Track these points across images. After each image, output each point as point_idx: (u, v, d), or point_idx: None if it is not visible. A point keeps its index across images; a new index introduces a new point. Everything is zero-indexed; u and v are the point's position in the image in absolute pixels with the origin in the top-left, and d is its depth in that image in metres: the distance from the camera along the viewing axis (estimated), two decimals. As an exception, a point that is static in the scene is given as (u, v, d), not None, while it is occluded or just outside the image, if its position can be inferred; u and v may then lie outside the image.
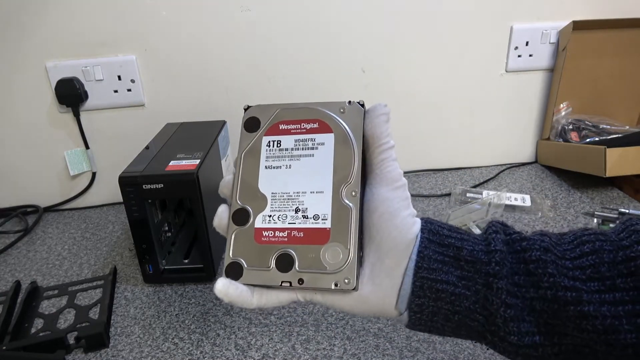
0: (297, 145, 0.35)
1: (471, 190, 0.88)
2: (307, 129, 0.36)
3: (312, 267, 0.32)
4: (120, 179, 0.60)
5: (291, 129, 0.36)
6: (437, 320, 0.31)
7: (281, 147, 0.36)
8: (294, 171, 0.35)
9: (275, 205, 0.34)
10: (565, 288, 0.28)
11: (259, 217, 0.34)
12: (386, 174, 0.32)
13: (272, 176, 0.35)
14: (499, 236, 0.31)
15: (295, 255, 0.32)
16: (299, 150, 0.35)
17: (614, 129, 0.90)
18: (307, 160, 0.35)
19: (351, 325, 0.57)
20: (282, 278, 0.32)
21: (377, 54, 0.89)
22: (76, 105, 0.85)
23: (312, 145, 0.35)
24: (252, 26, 0.84)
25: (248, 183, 0.35)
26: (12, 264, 0.75)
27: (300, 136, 0.36)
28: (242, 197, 0.35)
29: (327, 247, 0.32)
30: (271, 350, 0.54)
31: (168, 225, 0.72)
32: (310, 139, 0.35)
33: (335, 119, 0.35)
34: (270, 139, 0.36)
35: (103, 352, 0.55)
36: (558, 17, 0.90)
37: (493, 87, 0.95)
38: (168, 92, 0.87)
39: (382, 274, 0.31)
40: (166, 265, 0.68)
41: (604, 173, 0.78)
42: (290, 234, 0.33)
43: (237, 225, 0.34)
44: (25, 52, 0.81)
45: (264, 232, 0.33)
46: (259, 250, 0.33)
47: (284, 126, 0.36)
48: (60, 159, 0.89)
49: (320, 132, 0.35)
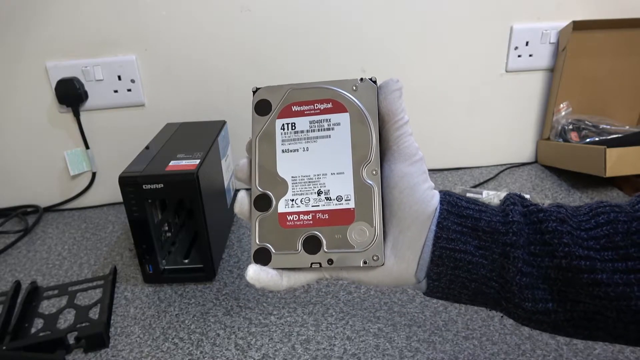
0: (313, 127, 0.35)
1: (471, 190, 0.88)
2: (320, 109, 0.35)
3: (340, 247, 0.33)
4: (120, 179, 0.60)
5: (305, 110, 0.36)
6: (454, 288, 0.32)
7: (296, 130, 0.35)
8: (312, 153, 0.35)
9: (296, 189, 0.34)
10: (580, 257, 0.29)
11: (281, 201, 0.34)
12: (403, 150, 0.33)
13: (290, 160, 0.35)
14: (517, 208, 0.32)
15: (322, 236, 0.33)
16: (314, 132, 0.35)
17: (614, 129, 0.90)
18: (324, 141, 0.35)
19: (351, 325, 0.57)
20: (312, 260, 0.33)
21: (377, 54, 0.89)
22: (76, 105, 0.85)
23: (328, 126, 0.35)
24: (252, 26, 0.84)
25: (266, 168, 0.35)
26: (12, 264, 0.75)
27: (315, 117, 0.35)
28: (262, 183, 0.35)
29: (353, 227, 0.33)
30: (271, 350, 0.54)
31: (168, 225, 0.72)
32: (326, 120, 0.35)
33: (348, 97, 0.35)
34: (284, 121, 0.36)
35: (103, 352, 0.55)
36: (558, 17, 0.90)
37: (493, 87, 0.95)
38: (168, 92, 0.87)
39: (404, 247, 0.32)
40: (166, 265, 0.68)
41: (604, 173, 0.78)
42: (315, 216, 0.33)
43: (259, 211, 0.34)
44: (25, 52, 0.81)
45: (288, 217, 0.34)
46: (285, 235, 0.33)
47: (297, 107, 0.36)
48: (60, 159, 0.89)
49: (334, 111, 0.35)
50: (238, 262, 0.71)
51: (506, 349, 0.53)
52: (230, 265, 0.71)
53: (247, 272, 0.32)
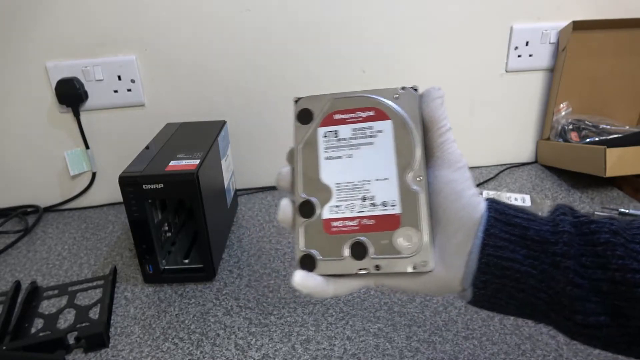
0: (355, 135, 0.35)
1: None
2: (362, 117, 0.36)
3: (387, 253, 0.32)
4: (120, 179, 0.60)
5: (347, 118, 0.36)
6: (501, 298, 0.31)
7: (339, 137, 0.36)
8: (356, 160, 0.35)
9: (341, 195, 0.34)
10: (634, 270, 0.28)
11: (325, 208, 0.34)
12: (447, 156, 0.33)
13: (334, 167, 0.35)
14: (567, 218, 0.31)
15: (368, 242, 0.33)
16: (357, 139, 0.35)
17: (614, 129, 0.90)
18: (367, 148, 0.35)
19: (351, 325, 0.57)
20: (358, 266, 0.33)
21: (377, 54, 0.89)
22: (76, 105, 0.85)
23: (371, 133, 0.35)
24: (252, 26, 0.84)
25: (309, 175, 0.35)
26: (12, 264, 0.75)
27: (357, 125, 0.35)
28: (306, 189, 0.35)
29: (399, 232, 0.33)
30: (271, 350, 0.54)
31: (168, 225, 0.72)
32: (368, 127, 0.35)
33: (391, 105, 0.35)
34: (327, 129, 0.36)
35: (103, 352, 0.55)
36: (558, 17, 0.90)
37: (493, 87, 0.95)
38: (168, 92, 0.87)
39: (451, 253, 0.32)
40: (166, 265, 0.68)
41: (604, 173, 0.78)
42: (360, 222, 0.33)
43: (304, 217, 0.34)
44: (25, 52, 0.81)
45: (333, 223, 0.34)
46: (330, 241, 0.33)
47: (339, 116, 0.36)
48: (60, 159, 0.89)
49: (377, 119, 0.35)
50: (238, 262, 0.71)
51: (506, 349, 0.53)
52: (230, 265, 0.71)
53: (294, 278, 0.32)
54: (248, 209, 0.88)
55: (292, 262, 0.71)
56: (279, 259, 0.72)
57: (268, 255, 0.73)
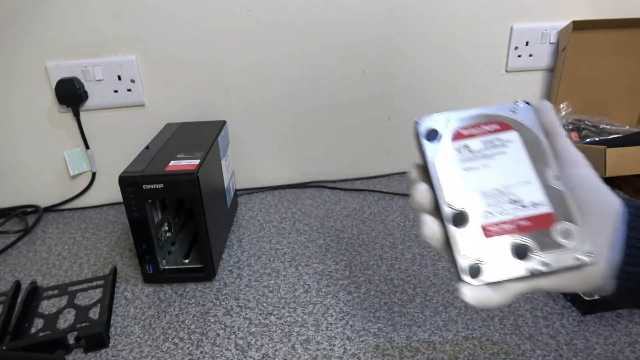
0: (487, 146, 0.37)
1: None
2: (488, 130, 0.38)
3: (552, 248, 0.33)
4: (120, 179, 0.60)
5: (474, 133, 0.38)
6: None
7: (471, 150, 0.37)
8: (493, 168, 0.36)
9: (490, 201, 0.35)
10: None
11: (478, 215, 0.35)
12: (574, 157, 0.35)
13: (474, 177, 0.36)
14: None
15: (531, 241, 0.33)
16: (489, 150, 0.37)
17: (614, 129, 0.90)
18: (501, 157, 0.37)
19: (351, 325, 0.57)
20: (526, 266, 0.33)
21: (377, 54, 0.89)
22: (76, 105, 0.85)
23: (501, 143, 0.37)
24: (252, 26, 0.84)
25: (453, 187, 0.36)
26: (12, 264, 0.75)
27: (486, 137, 0.38)
28: (454, 201, 0.36)
29: (557, 228, 0.33)
30: (271, 350, 0.54)
31: (168, 225, 0.72)
32: (497, 139, 0.37)
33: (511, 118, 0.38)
34: (459, 144, 0.38)
35: (103, 352, 0.55)
36: (558, 17, 0.90)
37: (493, 87, 0.95)
38: (168, 92, 0.87)
39: (596, 247, 0.32)
40: (166, 265, 0.68)
41: (604, 173, 0.78)
42: (516, 223, 0.34)
43: (458, 227, 0.34)
44: (25, 52, 0.81)
45: (490, 228, 0.34)
46: (491, 246, 0.34)
47: (466, 131, 0.38)
48: (60, 159, 0.89)
49: (502, 131, 0.37)
50: (238, 262, 0.71)
51: (506, 349, 0.53)
52: (230, 265, 0.71)
53: (464, 293, 0.32)
54: (248, 209, 0.88)
55: (292, 263, 0.71)
56: (279, 259, 0.72)
57: (268, 255, 0.73)
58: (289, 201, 0.91)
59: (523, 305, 0.59)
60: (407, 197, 0.90)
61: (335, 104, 0.92)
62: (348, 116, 0.94)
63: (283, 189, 0.96)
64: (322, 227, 0.81)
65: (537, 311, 0.58)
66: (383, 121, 0.95)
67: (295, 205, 0.89)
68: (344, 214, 0.85)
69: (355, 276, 0.67)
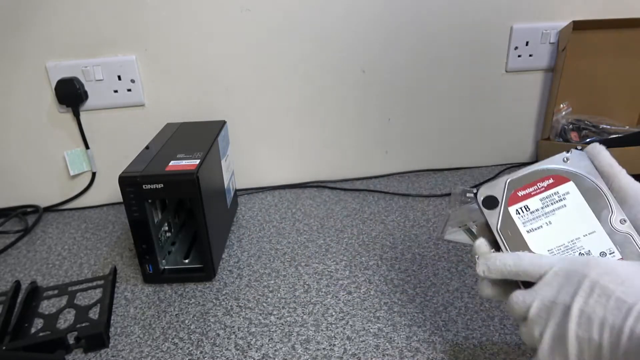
0: (545, 203, 0.38)
1: (471, 190, 0.88)
2: (544, 186, 0.38)
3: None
4: (120, 179, 0.60)
5: (530, 192, 0.38)
6: None
7: (531, 210, 0.38)
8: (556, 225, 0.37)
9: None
10: None
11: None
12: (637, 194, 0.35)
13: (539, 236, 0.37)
14: None
15: None
16: (549, 206, 0.38)
17: (614, 129, 0.90)
18: (562, 211, 0.37)
19: (351, 325, 0.57)
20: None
21: (377, 54, 0.89)
22: (76, 105, 0.85)
23: (559, 197, 0.38)
24: (252, 26, 0.84)
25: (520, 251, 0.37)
26: (12, 264, 0.75)
27: (543, 194, 0.38)
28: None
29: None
30: (271, 350, 0.54)
31: (168, 225, 0.72)
32: (554, 193, 0.38)
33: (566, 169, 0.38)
34: (517, 207, 0.38)
35: (103, 352, 0.55)
36: (558, 17, 0.90)
37: (493, 87, 0.95)
38: (168, 92, 0.87)
39: None
40: (166, 265, 0.68)
41: (604, 173, 0.78)
42: None
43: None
44: (25, 52, 0.81)
45: None
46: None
47: (522, 192, 0.39)
48: (60, 159, 0.89)
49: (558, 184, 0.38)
50: (238, 262, 0.71)
51: (506, 349, 0.53)
52: (230, 265, 0.71)
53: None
54: (248, 209, 0.88)
55: (292, 263, 0.71)
56: (279, 259, 0.72)
57: (268, 255, 0.73)
58: (289, 201, 0.91)
59: (523, 305, 0.59)
60: (407, 197, 0.90)
61: (335, 104, 0.92)
62: (348, 116, 0.94)
63: (283, 189, 0.96)
64: (322, 227, 0.81)
65: (537, 311, 0.58)
66: (383, 121, 0.95)
67: (295, 205, 0.89)
68: (344, 214, 0.85)
69: (355, 276, 0.67)
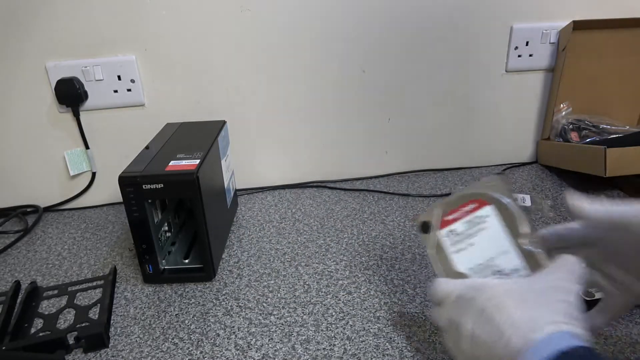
0: (469, 226, 0.44)
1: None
2: (469, 210, 0.44)
3: None
4: (120, 179, 0.60)
5: (457, 216, 0.44)
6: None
7: (457, 233, 0.44)
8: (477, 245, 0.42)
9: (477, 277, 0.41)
10: None
11: None
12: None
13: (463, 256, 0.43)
14: None
15: None
16: (472, 229, 0.43)
17: (614, 129, 0.90)
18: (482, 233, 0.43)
19: (351, 326, 0.57)
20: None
21: (377, 54, 0.89)
22: (76, 105, 0.85)
23: (480, 220, 0.43)
24: (252, 26, 0.84)
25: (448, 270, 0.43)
26: (12, 264, 0.75)
27: (467, 217, 0.44)
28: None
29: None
30: (271, 350, 0.54)
31: (168, 225, 0.72)
32: (476, 217, 0.44)
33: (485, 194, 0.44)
34: (445, 230, 0.44)
35: (103, 352, 0.55)
36: (558, 17, 0.90)
37: (493, 87, 0.95)
38: (168, 92, 0.87)
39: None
40: (166, 265, 0.68)
41: (604, 173, 0.78)
42: None
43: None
44: (25, 52, 0.81)
45: None
46: None
47: (450, 216, 0.45)
48: (60, 159, 0.89)
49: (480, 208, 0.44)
50: (238, 262, 0.71)
51: (506, 349, 0.53)
52: (230, 265, 0.71)
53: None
54: (248, 209, 0.88)
55: (292, 263, 0.71)
56: (279, 259, 0.72)
57: (268, 255, 0.73)
58: (289, 201, 0.91)
59: (523, 305, 0.59)
60: (407, 197, 0.90)
61: (335, 104, 0.92)
62: (348, 116, 0.94)
63: (283, 189, 0.96)
64: (322, 227, 0.81)
65: (537, 311, 0.58)
66: (383, 121, 0.95)
67: (295, 205, 0.89)
68: (344, 214, 0.84)
69: (355, 276, 0.67)
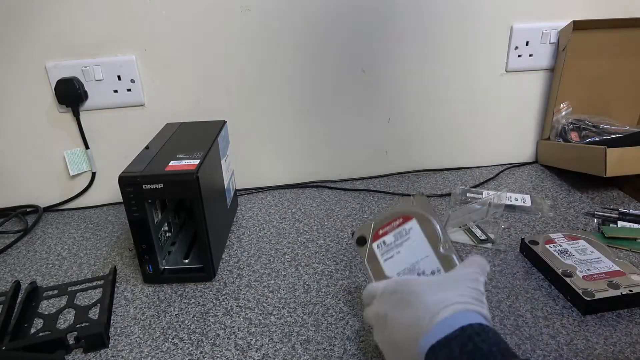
0: (396, 237, 0.51)
1: (471, 190, 0.88)
2: (396, 224, 0.52)
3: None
4: (120, 179, 0.60)
5: (387, 230, 0.52)
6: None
7: (387, 244, 0.52)
8: (403, 253, 0.50)
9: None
10: None
11: None
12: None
13: (392, 263, 0.50)
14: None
15: None
16: (399, 240, 0.51)
17: (614, 129, 0.90)
18: (407, 243, 0.50)
19: (351, 326, 0.57)
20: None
21: (377, 54, 0.89)
22: (76, 105, 0.85)
23: (405, 232, 0.51)
24: (252, 26, 0.84)
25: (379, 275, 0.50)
26: (12, 264, 0.75)
27: (395, 230, 0.52)
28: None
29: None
30: (271, 350, 0.54)
31: (168, 225, 0.72)
32: (403, 229, 0.51)
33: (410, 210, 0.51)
34: (378, 242, 0.52)
35: (103, 352, 0.55)
36: (558, 17, 0.90)
37: (493, 87, 0.95)
38: (168, 92, 0.87)
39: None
40: (166, 265, 0.68)
41: (604, 173, 0.78)
42: None
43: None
44: (25, 52, 0.81)
45: None
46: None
47: (382, 230, 0.53)
48: (60, 159, 0.89)
49: (405, 222, 0.51)
50: (238, 262, 0.71)
51: (506, 349, 0.53)
52: (230, 265, 0.71)
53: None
54: (248, 209, 0.88)
55: (292, 263, 0.71)
56: (279, 259, 0.72)
57: (268, 255, 0.73)
58: (289, 201, 0.91)
59: (523, 305, 0.59)
60: (407, 198, 0.90)
61: (335, 104, 0.92)
62: (348, 116, 0.94)
63: (283, 189, 0.96)
64: (322, 227, 0.81)
65: (537, 311, 0.58)
66: (383, 121, 0.95)
67: (295, 205, 0.89)
68: (344, 214, 0.84)
69: (355, 276, 0.67)
